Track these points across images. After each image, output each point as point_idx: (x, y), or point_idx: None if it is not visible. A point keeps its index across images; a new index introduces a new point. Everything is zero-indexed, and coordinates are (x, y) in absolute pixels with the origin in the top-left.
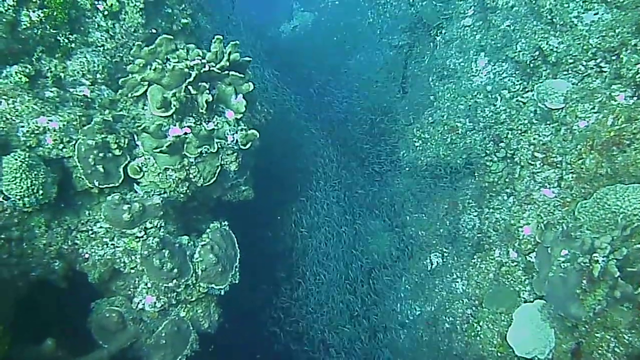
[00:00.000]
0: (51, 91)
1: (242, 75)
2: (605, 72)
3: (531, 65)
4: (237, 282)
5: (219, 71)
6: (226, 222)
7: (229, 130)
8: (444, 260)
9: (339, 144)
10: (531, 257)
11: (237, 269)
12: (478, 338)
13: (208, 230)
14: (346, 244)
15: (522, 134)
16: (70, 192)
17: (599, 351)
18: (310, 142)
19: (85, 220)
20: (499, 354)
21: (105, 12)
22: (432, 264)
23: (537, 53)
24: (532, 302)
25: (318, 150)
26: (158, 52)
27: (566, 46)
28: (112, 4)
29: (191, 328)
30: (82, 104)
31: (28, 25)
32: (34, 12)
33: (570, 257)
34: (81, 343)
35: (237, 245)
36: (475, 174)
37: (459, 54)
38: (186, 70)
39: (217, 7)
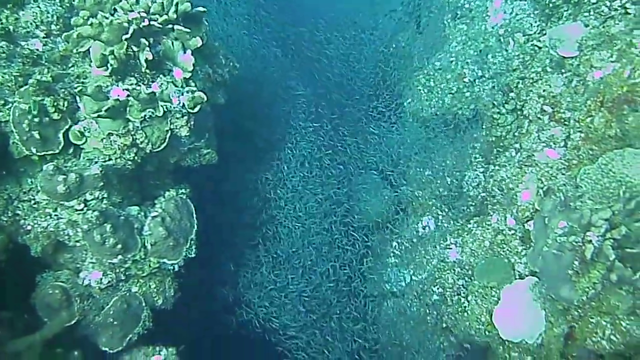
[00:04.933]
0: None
1: (188, 30)
2: (630, 14)
3: (550, 5)
4: (193, 255)
5: (161, 25)
6: (184, 190)
7: (174, 92)
8: (438, 224)
9: (336, 89)
10: (529, 226)
11: (193, 242)
12: (465, 314)
13: (162, 199)
14: (336, 203)
15: (533, 84)
16: (11, 158)
17: (594, 338)
18: (298, 87)
19: (28, 189)
20: (487, 333)
21: None
22: (425, 228)
23: None
24: (524, 278)
25: (305, 99)
26: (104, 2)
27: None
28: None
29: (143, 304)
30: (28, 60)
31: None
32: None
33: (568, 230)
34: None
35: (194, 215)
36: (483, 127)
37: None
38: (125, 24)
39: None
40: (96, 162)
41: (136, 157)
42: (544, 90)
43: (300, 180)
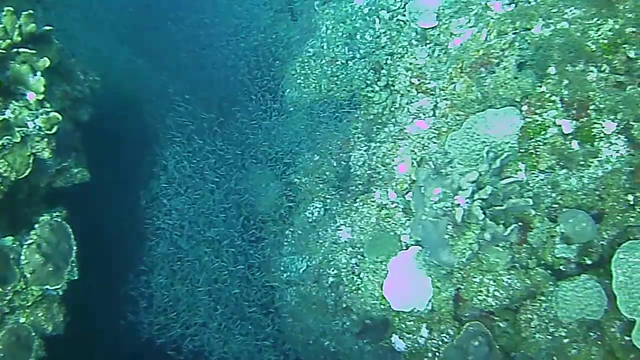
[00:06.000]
0: None
1: (34, 51)
2: None
3: None
4: (76, 278)
5: (4, 50)
6: (59, 213)
7: (29, 116)
8: (327, 207)
9: (216, 85)
10: (409, 197)
11: (74, 265)
12: (360, 291)
13: (36, 225)
14: (226, 199)
15: (401, 58)
16: None
17: (480, 297)
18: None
19: None
20: (381, 307)
21: None
22: (314, 214)
23: None
24: (407, 248)
25: (178, 104)
26: None
27: None
28: None
29: (33, 334)
30: None
31: None
32: None
33: (442, 197)
34: None
35: (72, 237)
36: (361, 106)
37: None
38: None
39: None
40: None
41: (2, 187)
42: (410, 64)
43: (185, 182)
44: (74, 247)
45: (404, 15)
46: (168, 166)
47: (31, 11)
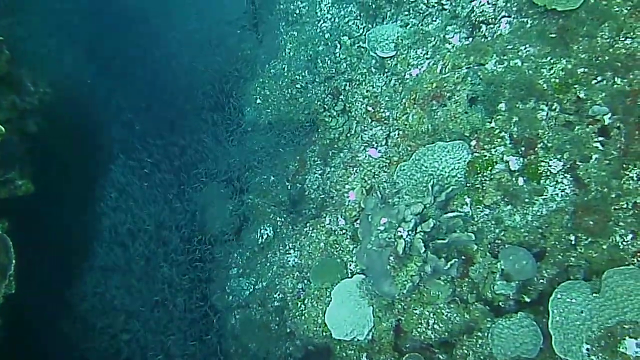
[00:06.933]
0: None
1: None
2: (446, 9)
3: (374, 6)
4: (13, 291)
5: None
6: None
7: None
8: (277, 230)
9: (175, 102)
10: (358, 225)
11: (12, 278)
12: (303, 317)
13: None
14: (178, 218)
15: (359, 86)
16: None
17: (419, 329)
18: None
19: None
20: (323, 334)
21: None
22: (264, 237)
23: None
24: (352, 277)
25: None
26: None
27: None
28: None
29: None
30: None
31: None
32: None
33: (387, 227)
34: None
35: (12, 250)
36: (319, 130)
37: None
38: None
39: None
40: None
41: None
42: (367, 91)
43: (135, 199)
44: (13, 261)
45: (365, 42)
46: (118, 182)
47: None
